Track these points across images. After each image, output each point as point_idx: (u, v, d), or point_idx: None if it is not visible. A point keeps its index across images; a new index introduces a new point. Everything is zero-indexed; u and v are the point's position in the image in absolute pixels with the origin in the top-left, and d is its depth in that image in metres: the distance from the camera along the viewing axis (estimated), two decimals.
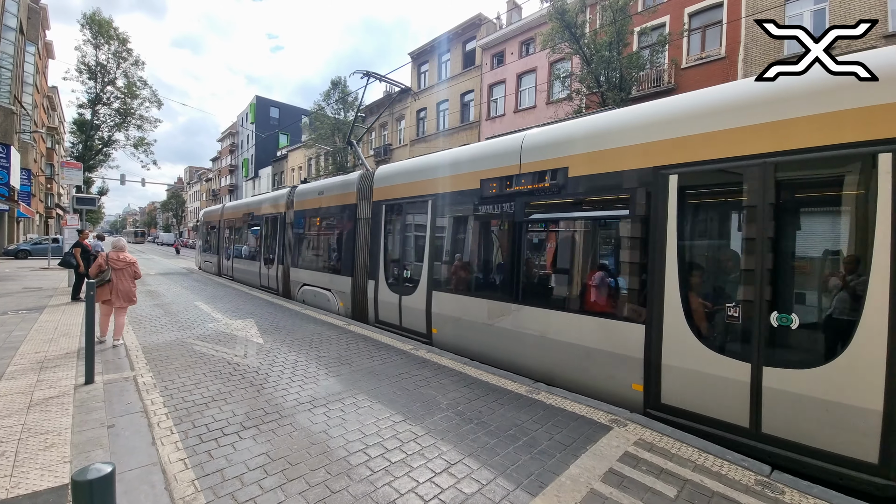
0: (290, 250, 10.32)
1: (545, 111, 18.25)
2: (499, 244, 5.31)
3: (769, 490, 2.54)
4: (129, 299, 5.74)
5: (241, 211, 14.06)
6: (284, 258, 10.55)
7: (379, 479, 2.61)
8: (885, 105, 2.63)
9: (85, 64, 22.29)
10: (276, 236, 11.12)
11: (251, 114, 52.68)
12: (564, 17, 12.96)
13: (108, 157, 25.21)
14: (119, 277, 5.67)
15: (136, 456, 2.81)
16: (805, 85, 2.97)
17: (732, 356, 3.16)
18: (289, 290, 10.33)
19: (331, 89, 26.30)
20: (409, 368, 4.81)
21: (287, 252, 10.45)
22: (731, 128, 3.26)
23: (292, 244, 10.32)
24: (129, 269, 5.81)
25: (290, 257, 10.33)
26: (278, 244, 10.86)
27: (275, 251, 11.12)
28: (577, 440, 3.15)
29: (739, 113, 3.25)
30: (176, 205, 78.91)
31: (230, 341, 5.93)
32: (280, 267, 10.73)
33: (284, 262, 10.56)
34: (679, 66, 14.69)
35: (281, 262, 10.72)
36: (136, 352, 5.29)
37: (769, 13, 12.62)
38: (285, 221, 10.62)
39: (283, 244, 10.68)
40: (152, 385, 4.13)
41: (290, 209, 10.50)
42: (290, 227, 10.43)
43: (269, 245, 11.65)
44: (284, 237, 10.63)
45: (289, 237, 10.45)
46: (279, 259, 10.80)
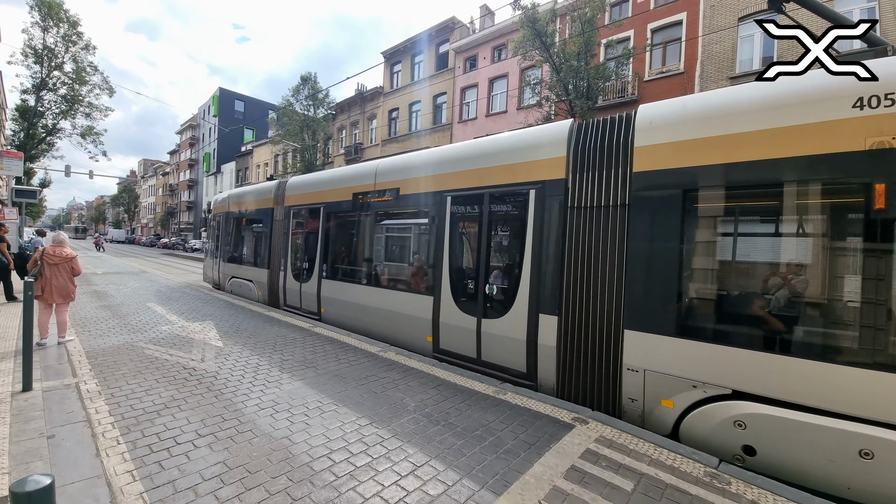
0: (223, 247, 11.57)
1: (516, 116, 18.60)
2: (359, 242, 7.00)
3: (717, 481, 2.69)
4: (66, 296, 5.51)
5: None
6: (219, 254, 11.83)
7: (343, 484, 2.56)
8: None
9: (31, 47, 20.56)
10: (216, 237, 12.31)
11: (214, 106, 50.36)
12: (536, 25, 13.28)
13: (53, 146, 23.33)
14: (54, 273, 5.43)
15: (78, 468, 2.62)
16: None
17: (470, 314, 4.89)
18: (221, 283, 11.54)
19: (300, 85, 25.61)
20: (377, 371, 4.75)
21: (220, 249, 11.75)
22: (457, 171, 5.34)
23: (225, 242, 11.52)
24: (67, 264, 5.58)
25: (222, 253, 11.58)
26: (221, 243, 11.88)
27: (217, 249, 12.22)
28: (541, 439, 3.22)
29: (462, 162, 5.32)
30: (128, 199, 74.09)
31: (186, 345, 5.63)
32: (218, 262, 11.85)
33: (218, 258, 11.86)
34: (642, 78, 15.41)
35: (219, 258, 11.89)
36: (80, 357, 4.91)
37: (724, 34, 13.48)
38: (220, 223, 11.88)
39: (218, 242, 12.02)
40: (97, 392, 3.86)
41: (228, 211, 11.40)
42: (223, 227, 11.69)
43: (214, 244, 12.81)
44: (219, 236, 11.95)
45: (223, 236, 11.67)
46: (219, 255, 11.87)
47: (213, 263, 12.20)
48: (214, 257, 12.11)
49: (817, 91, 2.95)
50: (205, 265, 13.54)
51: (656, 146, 3.61)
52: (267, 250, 9.17)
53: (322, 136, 27.99)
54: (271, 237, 9.06)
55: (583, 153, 4.08)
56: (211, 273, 12.38)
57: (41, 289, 5.32)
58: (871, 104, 2.72)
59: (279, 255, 8.78)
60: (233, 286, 10.78)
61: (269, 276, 9.10)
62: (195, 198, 55.68)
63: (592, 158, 4.00)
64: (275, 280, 8.92)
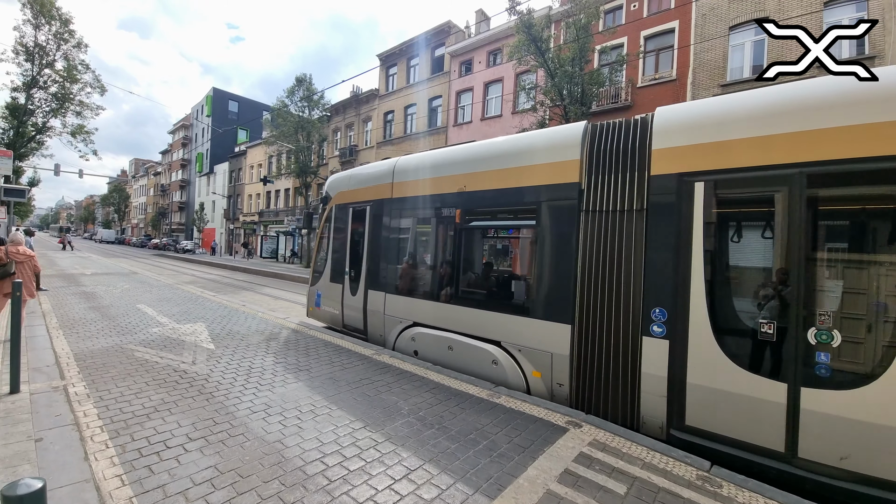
0: (384, 264, 6.24)
1: (510, 120, 18.72)
2: None
3: (709, 484, 2.72)
4: (29, 293, 5.96)
5: None
6: (363, 275, 6.50)
7: (336, 488, 2.54)
8: None
9: (22, 45, 20.29)
10: (353, 242, 6.94)
11: (207, 106, 50.08)
12: (531, 30, 13.41)
13: (42, 145, 22.99)
14: (19, 270, 5.84)
15: (67, 472, 2.57)
16: None
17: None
18: (370, 329, 6.37)
19: (295, 86, 25.56)
20: (371, 374, 4.73)
21: (373, 265, 6.37)
22: None
23: (391, 253, 6.23)
24: (30, 262, 6.09)
25: (381, 275, 6.22)
26: (376, 254, 6.39)
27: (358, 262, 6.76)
28: (534, 442, 3.22)
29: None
30: (118, 199, 73.16)
31: (177, 347, 5.56)
32: (361, 290, 6.51)
33: (360, 282, 6.52)
34: (635, 84, 15.60)
35: (361, 282, 6.51)
36: (68, 359, 4.83)
37: (715, 42, 13.71)
38: (371, 217, 6.49)
39: (361, 253, 6.64)
40: (85, 395, 3.79)
41: (411, 197, 5.96)
42: (382, 226, 6.29)
43: None
44: (362, 242, 6.63)
45: (390, 242, 6.24)
46: (364, 277, 6.51)
47: (336, 290, 6.98)
48: (343, 279, 6.86)
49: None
50: (316, 292, 7.58)
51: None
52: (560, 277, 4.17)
53: (317, 138, 27.94)
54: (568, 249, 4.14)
55: None
56: (333, 307, 7.06)
57: (10, 286, 5.54)
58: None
59: None
60: (423, 345, 5.48)
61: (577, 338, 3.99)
62: (187, 198, 55.17)
63: None
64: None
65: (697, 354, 3.23)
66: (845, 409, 2.63)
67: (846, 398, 2.64)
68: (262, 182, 30.48)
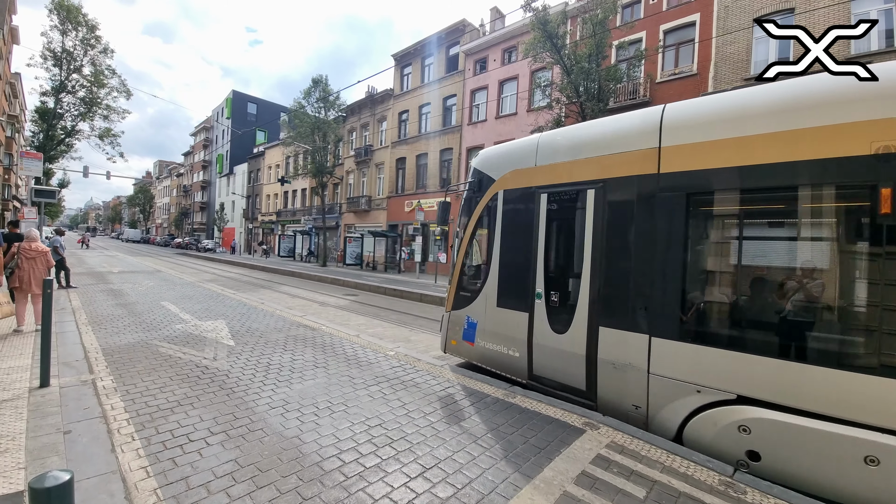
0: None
1: (526, 119, 18.55)
2: None
3: (732, 490, 2.64)
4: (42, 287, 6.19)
5: None
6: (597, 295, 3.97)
7: (353, 484, 2.56)
8: None
9: (50, 50, 21.11)
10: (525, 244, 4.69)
11: (227, 109, 51.24)
12: (546, 27, 13.25)
13: (71, 147, 23.91)
14: (32, 266, 6.05)
15: (94, 463, 2.66)
16: None
17: None
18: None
19: (311, 87, 25.88)
20: (386, 372, 4.75)
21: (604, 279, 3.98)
22: None
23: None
24: (43, 258, 6.21)
25: None
26: None
27: None
28: (551, 443, 3.18)
29: None
30: (143, 200, 75.63)
31: (199, 343, 5.71)
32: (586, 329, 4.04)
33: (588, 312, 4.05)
34: (654, 80, 15.25)
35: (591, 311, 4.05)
36: (96, 353, 5.01)
37: (738, 35, 13.29)
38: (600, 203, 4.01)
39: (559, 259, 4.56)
40: (112, 389, 3.93)
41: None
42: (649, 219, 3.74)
43: None
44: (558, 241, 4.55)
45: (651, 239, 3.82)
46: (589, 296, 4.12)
47: (514, 321, 4.53)
48: (531, 304, 4.40)
49: None
50: (466, 318, 5.11)
51: None
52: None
53: (333, 138, 28.26)
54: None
55: None
56: (507, 346, 4.62)
57: (20, 280, 5.92)
58: None
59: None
60: (778, 445, 2.85)
61: None
62: (208, 198, 56.56)
63: None
64: None
65: None
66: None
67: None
68: (279, 182, 30.98)
